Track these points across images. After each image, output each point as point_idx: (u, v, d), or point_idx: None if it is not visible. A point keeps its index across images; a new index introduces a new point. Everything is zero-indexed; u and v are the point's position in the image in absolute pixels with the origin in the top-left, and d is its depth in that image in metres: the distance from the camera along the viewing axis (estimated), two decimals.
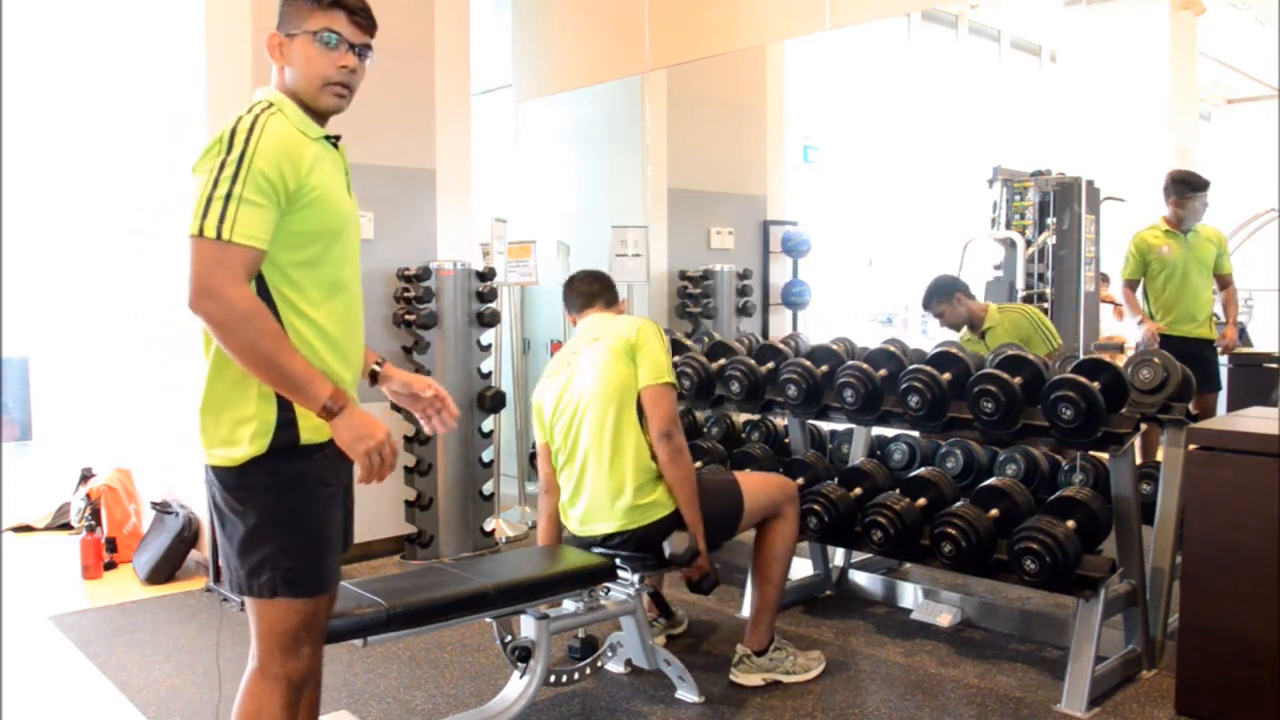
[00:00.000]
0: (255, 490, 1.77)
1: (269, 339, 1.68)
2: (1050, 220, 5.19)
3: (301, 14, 1.83)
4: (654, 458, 2.78)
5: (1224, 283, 4.35)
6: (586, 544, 2.89)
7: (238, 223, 1.65)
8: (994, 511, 3.03)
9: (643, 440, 2.79)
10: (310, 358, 1.76)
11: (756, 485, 2.97)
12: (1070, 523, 2.86)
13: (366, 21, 1.87)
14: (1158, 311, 4.41)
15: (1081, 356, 3.05)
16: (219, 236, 1.64)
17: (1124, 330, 5.15)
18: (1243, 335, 3.94)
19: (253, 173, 1.67)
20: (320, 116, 1.86)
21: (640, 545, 2.80)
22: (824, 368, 3.44)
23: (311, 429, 1.78)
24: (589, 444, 2.81)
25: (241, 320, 1.65)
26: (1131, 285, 4.49)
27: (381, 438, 1.77)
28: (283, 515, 1.78)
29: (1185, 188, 4.27)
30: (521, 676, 2.58)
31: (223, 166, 1.66)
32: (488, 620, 2.64)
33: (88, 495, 4.57)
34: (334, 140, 1.88)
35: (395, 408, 2.28)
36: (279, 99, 1.80)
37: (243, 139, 1.69)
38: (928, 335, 5.79)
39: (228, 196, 1.65)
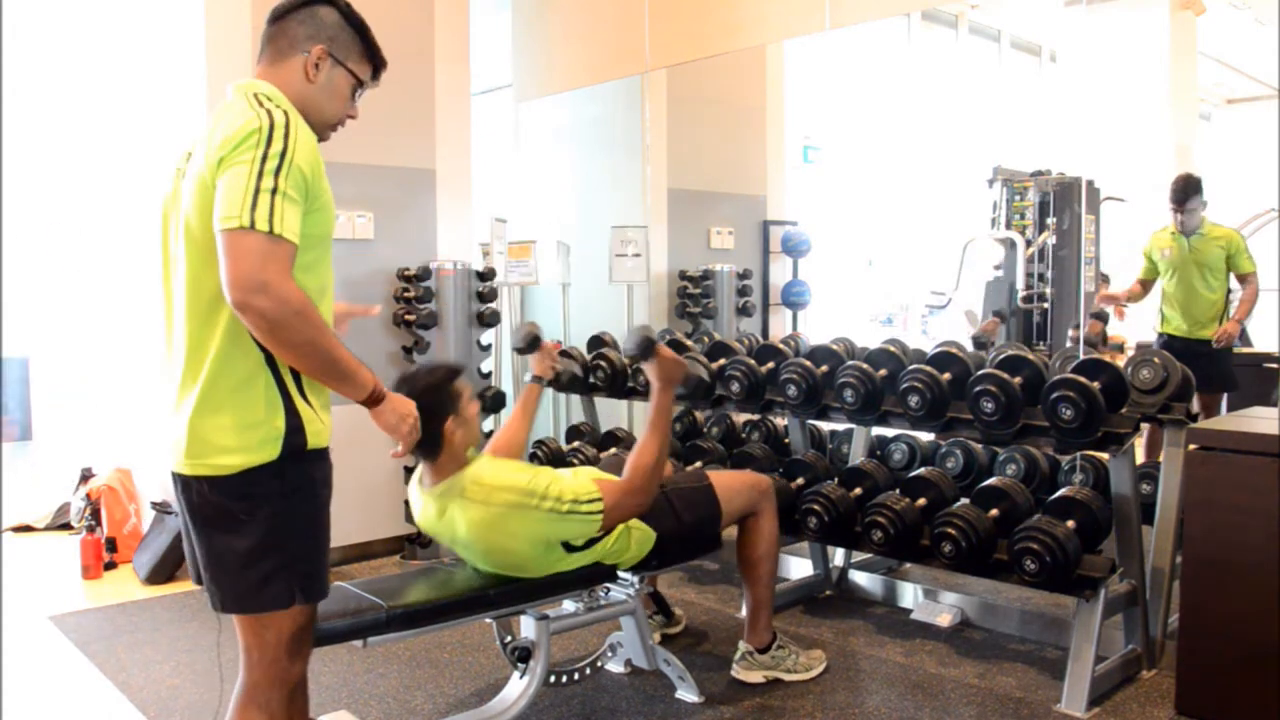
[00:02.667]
0: (264, 498, 1.70)
1: (324, 332, 1.68)
2: (1050, 220, 5.20)
3: (353, 50, 1.86)
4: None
5: (1242, 281, 4.36)
6: None
7: (285, 218, 1.62)
8: (994, 511, 3.03)
9: None
10: None
11: (729, 486, 2.92)
12: (1070, 523, 2.86)
13: (379, 79, 1.96)
14: (1167, 311, 4.46)
15: (1081, 356, 3.05)
16: (271, 230, 1.59)
17: (1124, 330, 5.16)
18: (1243, 335, 3.95)
19: (293, 170, 1.64)
20: None
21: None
22: (824, 368, 3.44)
23: (315, 434, 1.76)
24: None
25: (298, 315, 1.62)
26: (1141, 285, 4.56)
27: (416, 413, 1.91)
28: (295, 522, 1.74)
29: (1177, 191, 4.33)
30: (521, 677, 2.57)
31: (265, 159, 1.61)
32: (488, 621, 2.64)
33: (88, 495, 4.57)
34: None
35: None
36: (277, 95, 1.77)
37: (282, 134, 1.65)
38: (928, 335, 5.81)
39: (274, 191, 1.61)
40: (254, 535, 1.70)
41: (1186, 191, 4.32)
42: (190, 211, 1.70)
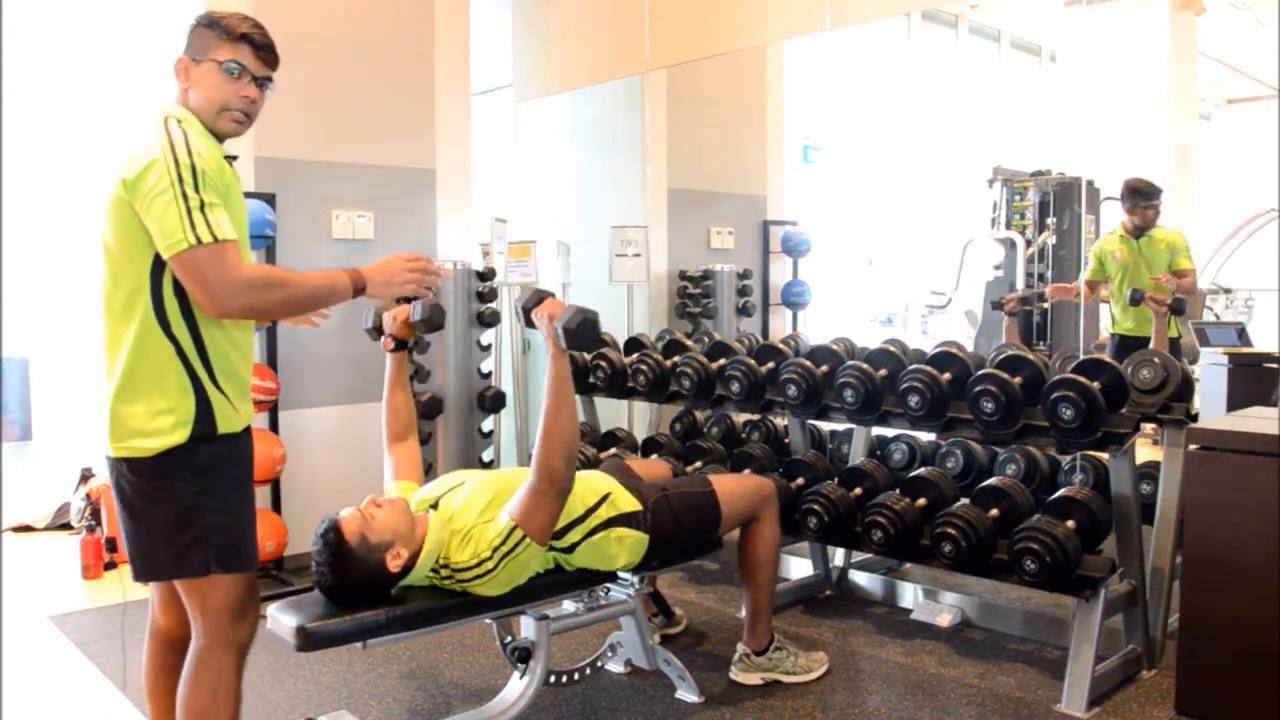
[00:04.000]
0: (177, 478, 1.87)
1: (290, 283, 1.90)
2: (1050, 220, 5.20)
3: (209, 43, 1.97)
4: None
5: (1180, 275, 4.37)
6: None
7: (219, 221, 1.81)
8: (994, 511, 3.03)
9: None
10: (227, 363, 1.93)
11: (731, 490, 2.89)
12: (1070, 523, 2.86)
13: (269, 56, 2.02)
14: (1118, 313, 4.50)
15: (1081, 356, 3.05)
16: (215, 239, 1.79)
17: None
18: (1242, 335, 3.94)
19: (206, 177, 1.81)
20: (219, 136, 2.00)
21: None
22: (824, 368, 3.44)
23: (226, 420, 1.92)
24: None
25: (265, 289, 1.86)
26: (1089, 285, 4.61)
27: (398, 266, 2.06)
28: (207, 499, 1.90)
29: (1136, 196, 4.37)
30: (521, 677, 2.58)
31: (181, 180, 1.79)
32: (487, 621, 2.64)
33: (88, 495, 4.57)
34: (231, 160, 1.99)
35: None
36: (185, 115, 1.93)
37: (184, 150, 1.81)
38: (928, 335, 5.80)
39: (202, 205, 1.79)
40: (169, 511, 1.88)
41: (1147, 195, 4.36)
42: (102, 223, 1.90)
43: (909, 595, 3.66)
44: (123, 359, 1.88)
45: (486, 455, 4.60)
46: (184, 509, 1.88)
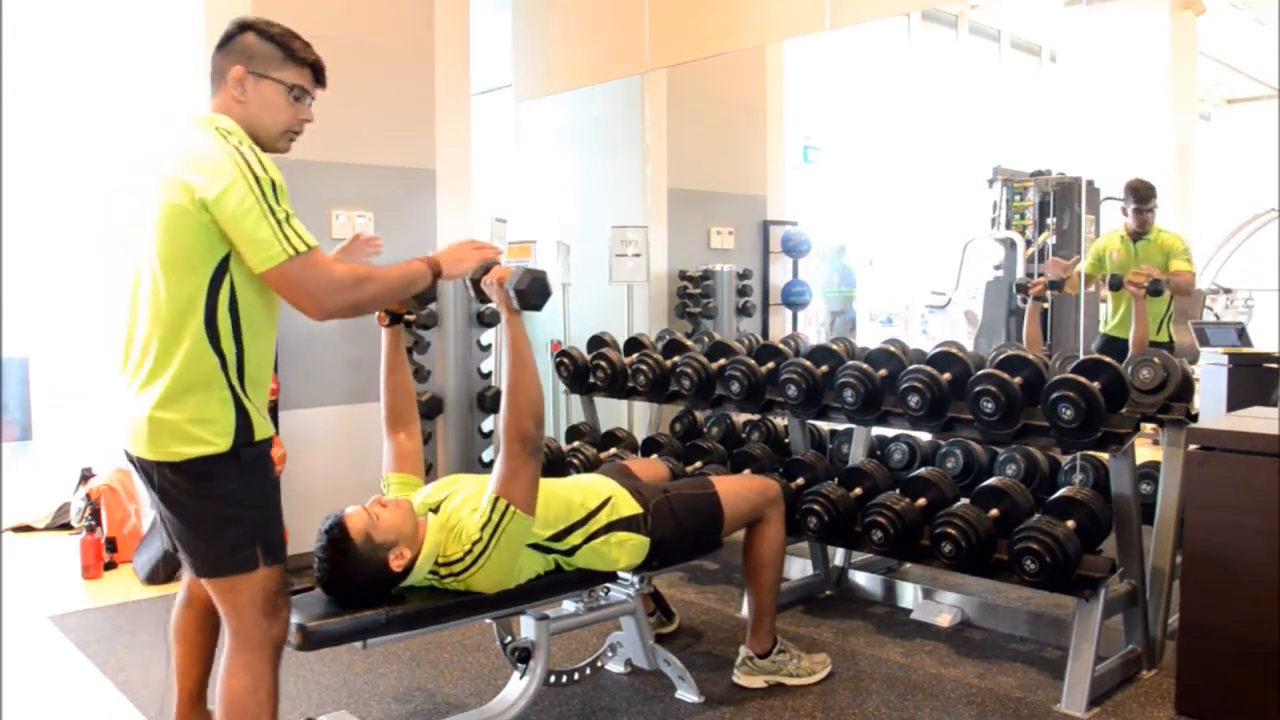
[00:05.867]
0: (219, 478, 1.93)
1: (379, 279, 2.00)
2: (1050, 220, 5.20)
3: (273, 61, 2.00)
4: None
5: (1175, 275, 4.35)
6: None
7: (302, 231, 1.88)
8: (994, 511, 3.03)
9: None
10: (258, 374, 1.99)
11: (735, 493, 2.87)
12: (1070, 523, 2.86)
13: (324, 78, 2.10)
14: (1112, 312, 4.49)
15: (1081, 356, 3.05)
16: (309, 248, 1.87)
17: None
18: (1242, 335, 3.94)
19: (282, 191, 1.87)
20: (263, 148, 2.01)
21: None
22: (824, 368, 3.44)
23: (260, 428, 1.99)
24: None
25: (357, 285, 1.94)
26: (1086, 280, 4.56)
27: (466, 248, 2.26)
28: (250, 495, 1.97)
29: (1130, 197, 4.36)
30: (521, 677, 2.58)
31: (264, 196, 1.84)
32: (487, 621, 2.64)
33: (88, 495, 4.57)
34: None
35: None
36: (234, 127, 1.93)
37: (258, 166, 1.86)
38: (928, 335, 5.81)
39: (287, 218, 1.86)
40: (217, 509, 1.94)
41: (1142, 198, 4.34)
42: (161, 228, 1.88)
43: (909, 595, 3.66)
44: (171, 369, 1.90)
45: (486, 455, 4.60)
46: (230, 506, 1.94)
